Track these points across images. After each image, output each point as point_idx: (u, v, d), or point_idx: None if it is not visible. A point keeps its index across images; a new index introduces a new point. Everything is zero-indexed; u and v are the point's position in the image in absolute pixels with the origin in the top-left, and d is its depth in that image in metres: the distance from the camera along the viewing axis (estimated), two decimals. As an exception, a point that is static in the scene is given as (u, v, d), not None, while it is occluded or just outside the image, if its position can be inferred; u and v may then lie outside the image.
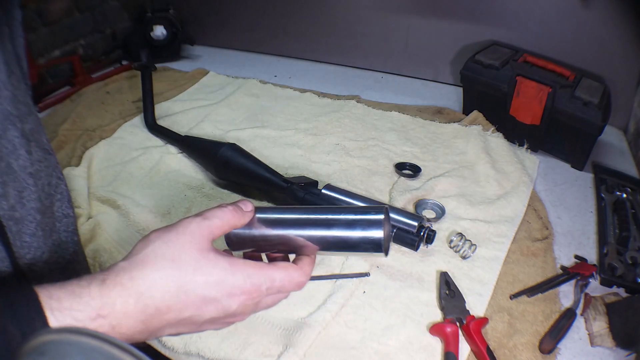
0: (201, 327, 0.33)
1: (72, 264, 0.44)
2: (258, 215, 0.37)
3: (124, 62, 1.17)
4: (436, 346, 0.50)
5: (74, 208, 0.53)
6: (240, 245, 0.38)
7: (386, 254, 0.35)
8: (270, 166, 0.70)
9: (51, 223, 0.46)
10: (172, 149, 0.82)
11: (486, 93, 0.84)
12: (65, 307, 0.28)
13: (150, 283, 0.30)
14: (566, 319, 0.53)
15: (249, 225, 0.37)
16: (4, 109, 0.37)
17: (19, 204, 0.39)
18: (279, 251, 0.39)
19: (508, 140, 0.81)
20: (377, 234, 0.35)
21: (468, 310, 0.53)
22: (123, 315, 0.29)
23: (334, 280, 0.57)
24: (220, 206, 0.35)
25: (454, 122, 0.87)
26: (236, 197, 0.71)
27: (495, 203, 0.68)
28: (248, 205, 0.36)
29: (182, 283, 0.31)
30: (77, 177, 0.74)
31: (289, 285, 0.35)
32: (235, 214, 0.35)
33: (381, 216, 0.35)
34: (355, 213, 0.36)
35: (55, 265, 0.46)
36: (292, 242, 0.37)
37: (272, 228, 0.37)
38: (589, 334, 0.52)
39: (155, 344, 0.55)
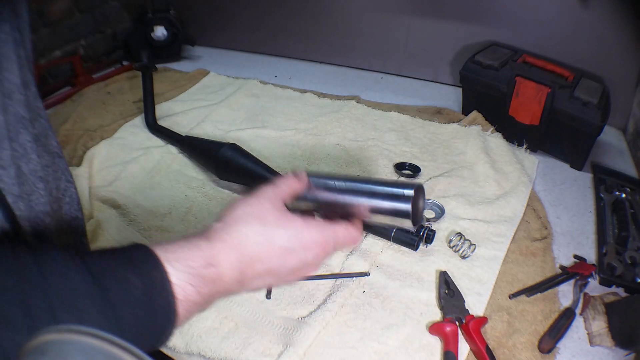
0: (284, 278, 0.37)
1: None
2: (313, 180, 0.42)
3: (125, 63, 1.17)
4: (435, 345, 0.51)
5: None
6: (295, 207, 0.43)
7: (415, 224, 0.40)
8: (270, 166, 0.70)
9: (59, 226, 0.47)
10: (173, 149, 0.82)
11: (485, 93, 0.84)
12: (180, 258, 0.31)
13: (245, 237, 0.34)
14: (565, 318, 0.53)
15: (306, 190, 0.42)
16: (17, 112, 0.38)
17: (29, 210, 0.40)
18: (329, 214, 0.43)
19: (507, 140, 0.81)
20: (406, 206, 0.39)
21: (467, 310, 0.53)
22: (228, 265, 0.33)
23: (334, 279, 0.57)
24: (284, 176, 0.41)
25: (454, 122, 0.87)
26: (237, 197, 0.71)
27: (494, 203, 0.68)
28: (303, 175, 0.41)
29: (268, 236, 0.35)
30: (78, 177, 0.74)
31: (349, 240, 0.39)
32: (297, 181, 0.40)
33: (411, 191, 0.40)
34: (393, 186, 0.41)
35: None
36: (344, 208, 0.42)
37: (326, 192, 0.42)
38: (588, 334, 0.52)
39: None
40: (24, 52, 0.41)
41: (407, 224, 0.40)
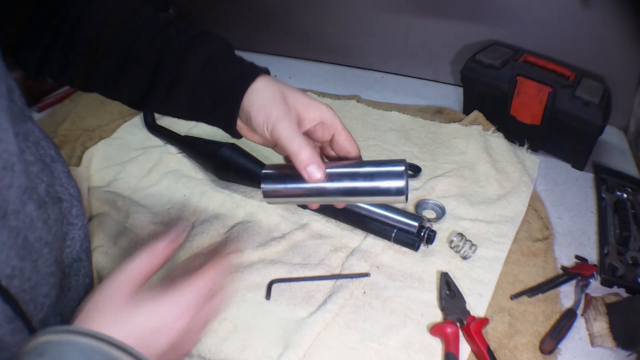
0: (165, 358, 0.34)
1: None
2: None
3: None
4: (436, 346, 0.50)
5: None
6: (275, 196, 0.45)
7: (406, 199, 0.42)
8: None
9: (61, 271, 0.47)
10: (172, 149, 0.82)
11: (486, 93, 0.84)
12: None
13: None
14: (567, 319, 0.52)
15: (284, 179, 0.44)
16: (21, 183, 0.38)
17: (34, 273, 0.41)
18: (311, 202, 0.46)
19: (508, 140, 0.81)
20: (400, 183, 0.41)
21: (468, 311, 0.53)
22: None
23: (334, 280, 0.57)
24: (139, 254, 0.37)
25: (454, 122, 0.87)
26: (236, 197, 0.71)
27: (495, 203, 0.68)
28: (161, 245, 0.38)
29: (123, 325, 0.32)
30: (78, 177, 0.73)
31: (212, 287, 0.38)
32: (153, 258, 0.37)
33: (402, 167, 0.41)
34: (378, 165, 0.42)
35: (67, 309, 0.47)
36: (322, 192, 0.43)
37: (303, 182, 0.43)
38: (589, 334, 0.52)
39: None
40: (17, 107, 0.42)
41: (399, 200, 0.42)
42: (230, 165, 0.70)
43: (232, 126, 0.45)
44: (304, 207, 0.68)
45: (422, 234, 0.60)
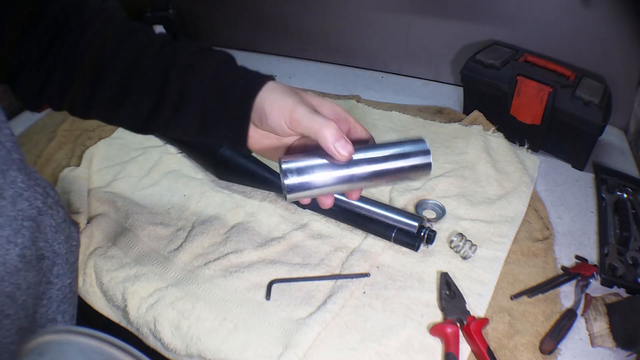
0: None
1: None
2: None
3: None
4: (436, 347, 0.50)
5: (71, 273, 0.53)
6: (301, 190, 0.41)
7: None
8: (269, 166, 0.69)
9: (31, 331, 0.45)
10: (172, 149, 0.82)
11: (487, 93, 0.84)
12: None
13: None
14: (567, 319, 0.52)
15: (308, 169, 0.41)
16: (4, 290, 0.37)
17: None
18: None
19: (509, 140, 0.81)
20: (428, 159, 0.42)
21: (468, 311, 0.53)
22: None
23: (334, 280, 0.57)
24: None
25: (455, 122, 0.87)
26: (236, 197, 0.71)
27: (495, 203, 0.68)
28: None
29: None
30: (78, 177, 0.73)
31: None
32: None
33: (426, 144, 0.43)
34: (401, 144, 0.43)
35: None
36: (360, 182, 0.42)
37: (330, 168, 0.41)
38: (589, 335, 0.52)
39: (158, 346, 0.55)
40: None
41: (425, 176, 0.43)
42: (230, 165, 0.70)
43: (244, 135, 0.43)
44: (304, 206, 0.68)
45: (422, 234, 0.60)
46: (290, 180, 0.40)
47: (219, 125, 0.44)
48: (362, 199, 0.64)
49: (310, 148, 0.43)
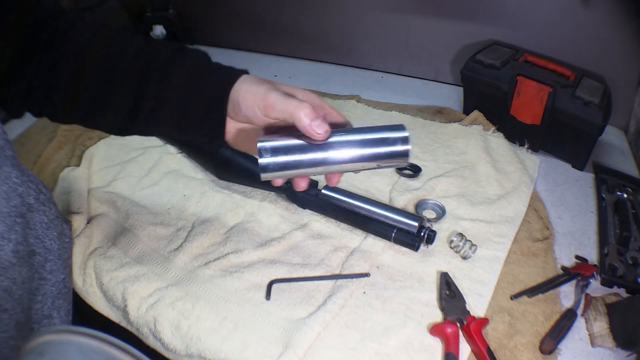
0: None
1: None
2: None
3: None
4: (436, 347, 0.50)
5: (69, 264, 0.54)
6: (275, 170, 0.42)
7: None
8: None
9: (28, 327, 0.46)
10: (172, 149, 0.82)
11: (486, 93, 0.84)
12: None
13: None
14: (567, 319, 0.52)
15: (285, 149, 0.41)
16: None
17: None
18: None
19: (509, 140, 0.81)
20: (406, 146, 0.43)
21: (468, 311, 0.53)
22: None
23: (334, 280, 0.57)
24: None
25: (455, 122, 0.87)
26: (236, 197, 0.71)
27: (495, 203, 0.68)
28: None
29: None
30: (78, 177, 0.73)
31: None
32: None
33: (406, 132, 0.43)
34: (380, 129, 0.43)
35: None
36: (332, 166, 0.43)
37: (305, 150, 0.41)
38: (589, 335, 0.52)
39: (158, 346, 0.55)
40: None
41: (403, 162, 0.43)
42: (230, 165, 0.70)
43: (220, 128, 0.44)
44: (305, 205, 0.68)
45: (422, 234, 0.60)
46: (264, 160, 0.41)
47: (196, 122, 0.45)
48: (362, 199, 0.64)
49: (287, 131, 0.43)
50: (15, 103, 0.46)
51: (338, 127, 0.44)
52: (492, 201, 0.69)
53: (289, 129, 0.42)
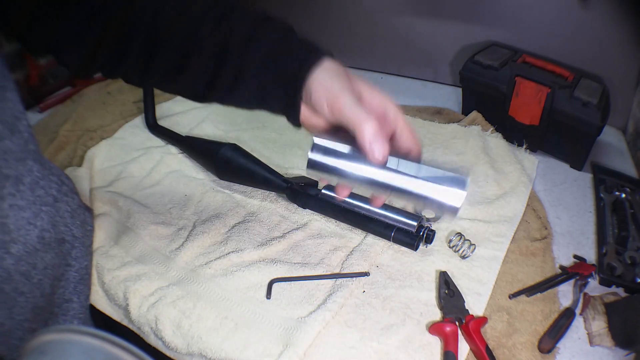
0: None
1: None
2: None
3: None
4: (435, 345, 0.51)
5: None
6: (319, 169, 0.42)
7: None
8: (270, 166, 0.70)
9: (48, 311, 0.47)
10: (173, 149, 0.82)
11: (485, 93, 0.84)
12: None
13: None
14: (565, 318, 0.53)
15: (337, 153, 0.40)
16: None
17: (8, 319, 0.41)
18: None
19: (507, 140, 0.81)
20: (457, 202, 0.39)
21: (467, 310, 0.53)
22: None
23: (334, 279, 0.57)
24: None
25: (453, 122, 0.87)
26: (237, 197, 0.71)
27: (494, 203, 0.68)
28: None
29: None
30: (79, 177, 0.74)
31: None
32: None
33: (464, 185, 0.39)
34: (439, 177, 0.40)
35: None
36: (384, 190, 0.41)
37: (356, 162, 0.40)
38: (588, 334, 0.52)
39: (159, 345, 0.55)
40: (15, 143, 0.41)
41: (450, 215, 0.40)
42: (231, 165, 0.70)
43: (295, 109, 0.42)
44: (305, 205, 0.68)
45: (421, 233, 0.61)
46: (313, 156, 0.41)
47: (273, 98, 0.43)
48: (362, 198, 0.64)
49: (351, 138, 0.41)
50: (81, 63, 0.45)
51: (405, 149, 0.42)
52: (491, 201, 0.69)
53: (352, 137, 0.40)
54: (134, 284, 0.57)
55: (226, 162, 0.71)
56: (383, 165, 0.39)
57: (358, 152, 0.39)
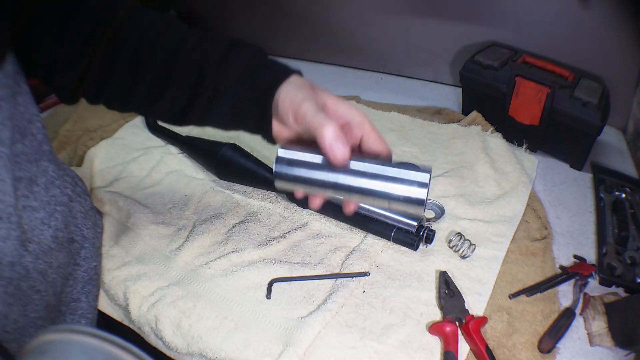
0: None
1: None
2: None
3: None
4: (435, 345, 0.51)
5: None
6: (287, 180, 0.42)
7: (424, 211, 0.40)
8: (270, 166, 0.70)
9: (57, 309, 0.48)
10: (173, 149, 0.82)
11: (485, 93, 0.84)
12: None
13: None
14: (565, 318, 0.53)
15: (300, 162, 0.41)
16: (18, 235, 0.39)
17: (22, 316, 0.41)
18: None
19: (507, 140, 0.81)
20: (421, 193, 0.39)
21: (467, 310, 0.53)
22: None
23: (334, 279, 0.57)
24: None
25: (453, 122, 0.87)
26: (237, 197, 0.71)
27: (494, 203, 0.68)
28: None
29: None
30: (79, 177, 0.74)
31: None
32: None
33: (426, 178, 0.39)
34: (402, 169, 0.40)
35: None
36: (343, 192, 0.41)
37: (321, 169, 0.40)
38: (588, 334, 0.52)
39: (159, 345, 0.55)
40: (29, 145, 0.42)
41: (418, 211, 0.40)
42: (231, 165, 0.70)
43: (268, 124, 0.44)
44: (305, 205, 0.68)
45: (422, 233, 0.61)
46: (278, 168, 0.42)
47: (247, 116, 0.45)
48: (362, 198, 0.64)
49: (315, 145, 0.41)
50: (70, 90, 0.46)
51: (374, 153, 0.42)
52: (491, 201, 0.69)
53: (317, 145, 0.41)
54: (134, 284, 0.57)
55: (226, 162, 0.71)
56: (347, 169, 0.40)
57: (323, 159, 0.40)
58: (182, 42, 0.45)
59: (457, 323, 0.52)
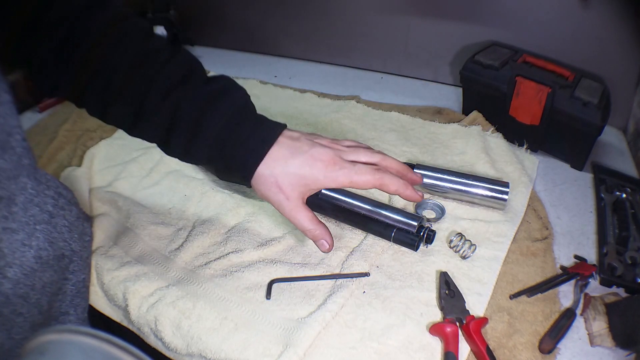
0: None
1: None
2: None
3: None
4: (436, 346, 0.51)
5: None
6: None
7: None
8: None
9: (44, 325, 0.47)
10: (173, 149, 0.82)
11: (486, 93, 0.84)
12: None
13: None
14: (566, 318, 0.53)
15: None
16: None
17: (7, 339, 0.41)
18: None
19: (507, 140, 0.81)
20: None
21: (468, 310, 0.53)
22: None
23: (334, 280, 0.57)
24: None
25: (454, 122, 0.87)
26: (237, 197, 0.71)
27: (494, 203, 0.68)
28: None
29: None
30: (79, 177, 0.74)
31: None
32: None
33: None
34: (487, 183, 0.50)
35: None
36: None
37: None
38: (588, 334, 0.52)
39: (158, 345, 0.55)
40: (8, 161, 0.41)
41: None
42: (231, 166, 0.70)
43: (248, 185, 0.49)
44: None
45: (422, 233, 0.61)
46: None
47: (227, 175, 0.50)
48: (362, 198, 0.64)
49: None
50: (51, 91, 0.47)
51: (402, 175, 0.51)
52: (492, 201, 0.69)
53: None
54: (133, 284, 0.56)
55: (226, 162, 0.70)
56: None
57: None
58: (157, 81, 0.44)
59: (457, 323, 0.51)
